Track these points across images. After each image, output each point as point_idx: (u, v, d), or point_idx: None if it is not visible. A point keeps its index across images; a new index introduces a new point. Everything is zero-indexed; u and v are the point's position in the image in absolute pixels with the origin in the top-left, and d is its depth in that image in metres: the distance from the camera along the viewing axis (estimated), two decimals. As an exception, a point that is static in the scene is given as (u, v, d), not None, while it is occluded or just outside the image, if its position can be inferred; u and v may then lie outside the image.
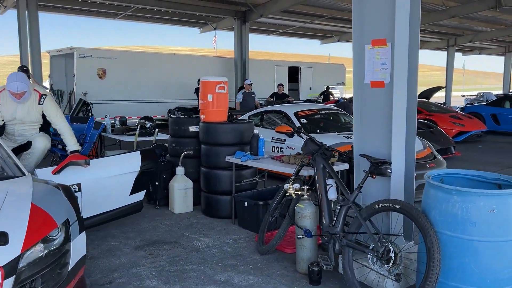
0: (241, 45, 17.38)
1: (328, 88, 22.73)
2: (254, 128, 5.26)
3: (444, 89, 25.16)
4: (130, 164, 4.57)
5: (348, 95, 26.40)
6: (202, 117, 5.12)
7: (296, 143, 6.63)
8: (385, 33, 3.27)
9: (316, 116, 7.42)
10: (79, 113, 13.62)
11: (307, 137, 3.84)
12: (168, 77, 16.05)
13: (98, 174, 4.26)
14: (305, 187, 3.61)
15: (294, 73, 20.71)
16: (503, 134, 13.80)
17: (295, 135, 6.85)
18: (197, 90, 14.92)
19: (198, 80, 15.11)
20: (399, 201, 2.99)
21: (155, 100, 15.64)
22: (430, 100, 20.21)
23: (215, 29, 18.83)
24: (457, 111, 13.70)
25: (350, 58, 3.67)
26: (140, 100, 15.30)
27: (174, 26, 19.62)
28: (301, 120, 7.03)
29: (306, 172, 3.95)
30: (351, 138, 6.35)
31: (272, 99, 13.70)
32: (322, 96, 21.58)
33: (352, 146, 6.01)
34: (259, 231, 4.13)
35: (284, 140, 6.89)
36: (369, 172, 3.25)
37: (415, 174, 3.52)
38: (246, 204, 4.60)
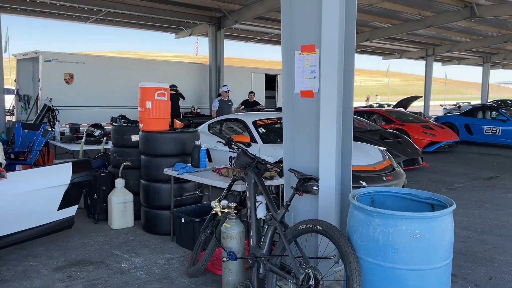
0: (216, 51, 17.11)
1: None
2: (199, 138, 4.96)
3: (422, 98, 25.31)
4: (59, 176, 4.23)
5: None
6: (141, 125, 4.80)
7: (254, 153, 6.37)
8: (314, 39, 3.01)
9: (276, 125, 7.15)
10: (43, 119, 13.19)
11: (240, 149, 3.56)
12: (140, 82, 15.65)
13: (18, 188, 3.90)
14: (233, 204, 3.31)
15: (271, 81, 20.51)
16: (475, 145, 13.74)
17: (252, 145, 6.56)
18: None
19: (170, 86, 14.85)
20: (323, 222, 2.72)
21: (125, 106, 15.21)
22: (405, 110, 20.25)
23: (190, 34, 18.54)
24: (430, 121, 13.60)
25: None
26: (110, 106, 14.86)
27: (148, 31, 19.27)
28: (259, 129, 6.75)
29: (239, 187, 3.67)
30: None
31: (242, 107, 13.42)
32: None
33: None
34: (193, 251, 3.82)
35: (241, 150, 6.61)
36: (295, 189, 2.98)
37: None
38: (183, 220, 4.29)
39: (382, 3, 15.45)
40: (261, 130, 6.75)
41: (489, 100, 31.13)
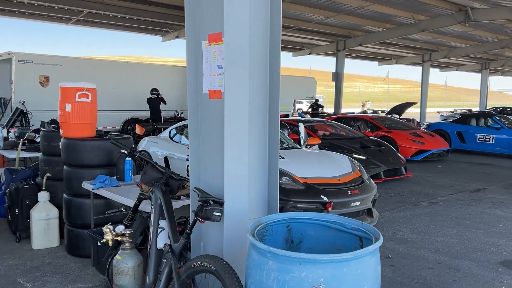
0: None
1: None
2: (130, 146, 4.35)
3: (418, 105, 24.70)
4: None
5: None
6: (61, 131, 4.20)
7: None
8: (221, 24, 2.41)
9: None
10: (15, 123, 12.67)
11: (149, 162, 2.95)
12: (121, 86, 15.12)
13: None
14: (127, 231, 2.70)
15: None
16: (468, 153, 13.11)
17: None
18: (148, 100, 14.01)
19: (151, 90, 14.25)
20: (217, 260, 2.10)
21: (106, 110, 14.64)
22: (399, 116, 19.67)
23: (177, 37, 18.02)
24: (420, 128, 12.96)
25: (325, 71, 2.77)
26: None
27: (134, 33, 18.76)
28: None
29: (150, 207, 3.05)
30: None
31: None
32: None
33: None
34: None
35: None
36: (195, 214, 2.37)
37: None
38: (99, 243, 3.68)
39: (373, 5, 14.90)
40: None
41: (488, 107, 30.47)
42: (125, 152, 3.00)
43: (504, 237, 5.06)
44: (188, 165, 6.22)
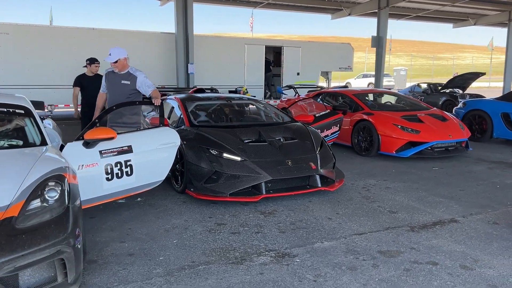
0: (186, 17, 13.85)
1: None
2: None
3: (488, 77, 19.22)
4: None
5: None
6: None
7: None
8: None
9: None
10: None
11: None
12: (86, 57, 13.15)
13: None
14: None
15: (278, 55, 16.70)
16: (515, 146, 8.77)
17: None
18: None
19: (88, 60, 10.13)
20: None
21: (68, 85, 12.83)
22: (463, 91, 15.23)
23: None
24: (433, 108, 8.86)
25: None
26: (47, 86, 12.65)
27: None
28: None
29: None
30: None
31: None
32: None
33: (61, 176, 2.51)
34: None
35: None
36: None
37: None
38: None
39: None
40: None
41: None
42: None
43: None
44: None
